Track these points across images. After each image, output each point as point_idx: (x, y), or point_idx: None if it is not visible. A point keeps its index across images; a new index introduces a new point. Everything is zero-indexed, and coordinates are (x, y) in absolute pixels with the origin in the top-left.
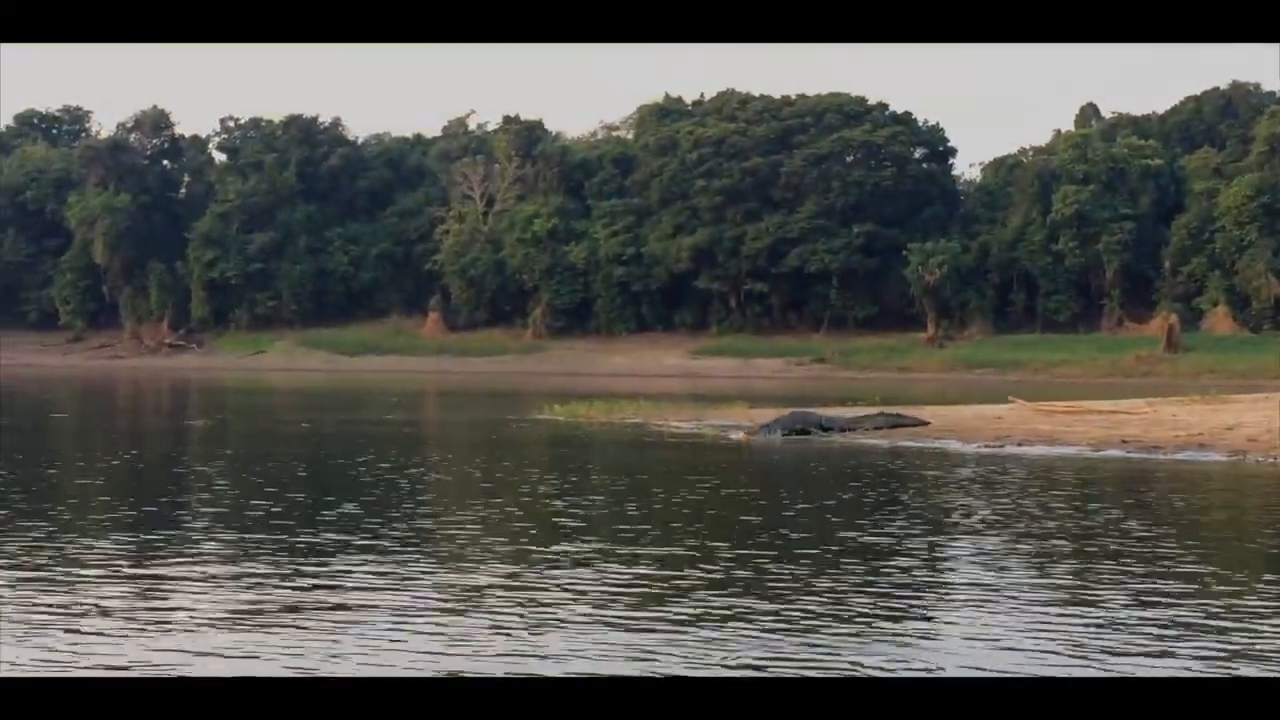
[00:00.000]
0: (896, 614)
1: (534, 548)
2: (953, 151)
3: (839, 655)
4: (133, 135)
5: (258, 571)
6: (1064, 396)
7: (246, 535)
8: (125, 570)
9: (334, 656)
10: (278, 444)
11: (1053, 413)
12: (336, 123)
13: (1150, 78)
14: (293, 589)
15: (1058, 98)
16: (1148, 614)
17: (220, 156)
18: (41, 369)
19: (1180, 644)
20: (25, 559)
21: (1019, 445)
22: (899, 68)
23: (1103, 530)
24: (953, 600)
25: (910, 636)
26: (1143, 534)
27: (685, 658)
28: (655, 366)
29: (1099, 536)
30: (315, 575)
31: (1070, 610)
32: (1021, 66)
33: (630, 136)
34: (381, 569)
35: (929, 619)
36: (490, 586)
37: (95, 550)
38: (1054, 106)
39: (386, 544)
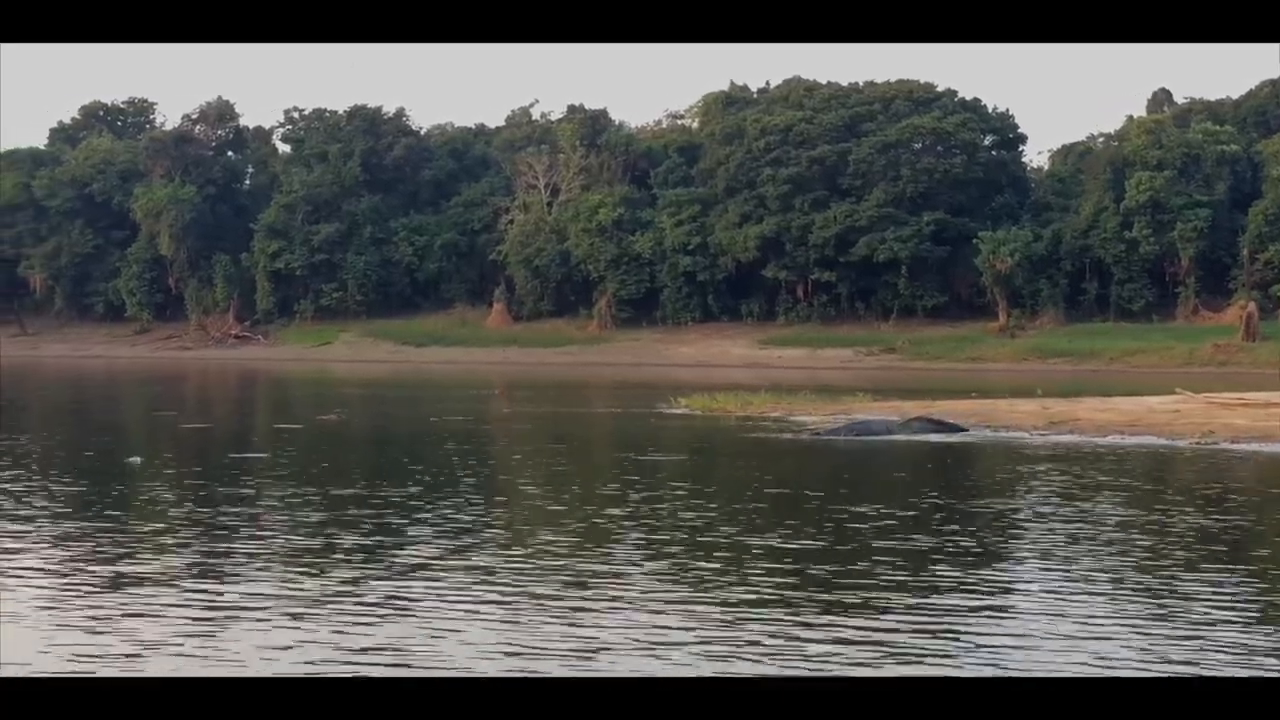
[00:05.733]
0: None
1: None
2: (1023, 138)
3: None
4: (197, 127)
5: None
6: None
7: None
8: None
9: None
10: (436, 441)
11: (1230, 405)
12: (400, 113)
13: (1224, 62)
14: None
15: (1128, 83)
16: None
17: (284, 148)
18: (110, 360)
19: None
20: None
21: (1233, 442)
22: (966, 54)
23: None
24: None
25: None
26: None
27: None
28: (722, 357)
29: None
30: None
31: None
32: (1090, 52)
33: (695, 125)
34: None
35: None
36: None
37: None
38: (1124, 92)
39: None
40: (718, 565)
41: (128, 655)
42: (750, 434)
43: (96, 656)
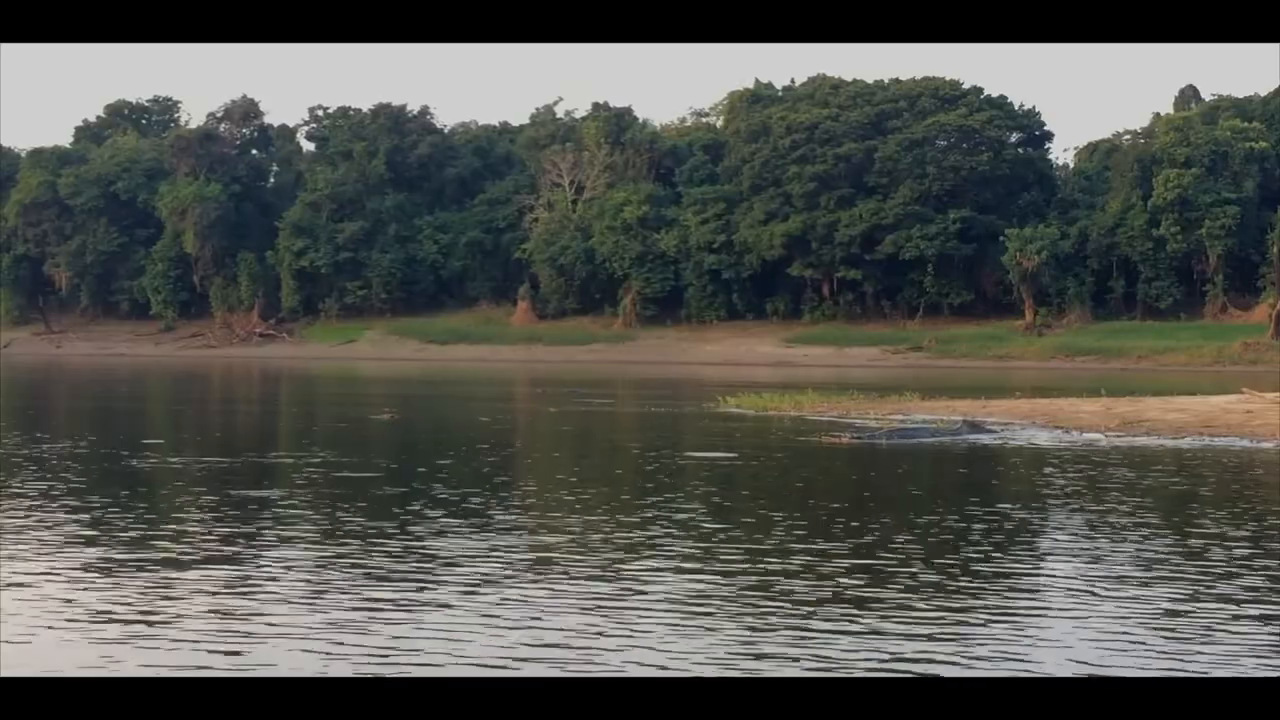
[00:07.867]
0: None
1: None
2: (1049, 135)
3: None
4: (222, 125)
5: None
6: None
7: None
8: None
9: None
10: (495, 442)
11: None
12: (424, 111)
13: (1252, 59)
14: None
15: (1154, 80)
16: None
17: (309, 146)
18: (134, 359)
19: None
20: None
21: None
22: (992, 51)
23: None
24: None
25: None
26: None
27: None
28: (747, 355)
29: None
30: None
31: None
32: (1116, 49)
33: (720, 123)
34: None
35: None
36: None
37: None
38: (1151, 89)
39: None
40: (761, 569)
41: (142, 657)
42: (816, 435)
43: (103, 657)
